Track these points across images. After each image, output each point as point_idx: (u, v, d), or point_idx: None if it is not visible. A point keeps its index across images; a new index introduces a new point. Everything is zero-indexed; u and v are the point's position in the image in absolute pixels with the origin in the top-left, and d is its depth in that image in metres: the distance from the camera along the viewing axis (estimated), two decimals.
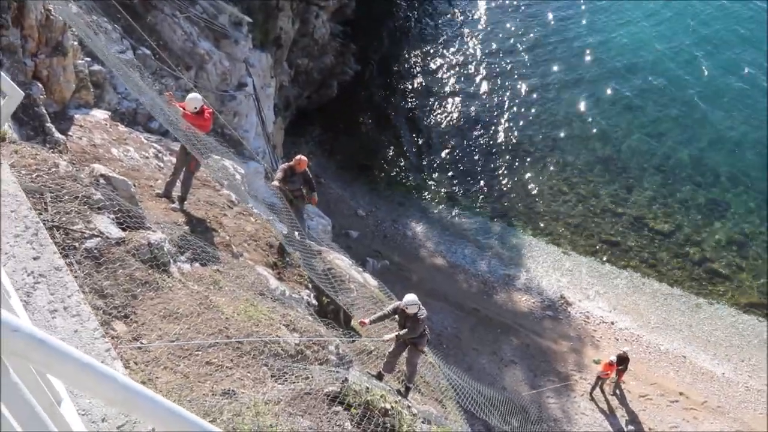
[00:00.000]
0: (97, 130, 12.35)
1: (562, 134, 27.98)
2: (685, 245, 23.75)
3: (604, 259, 23.58)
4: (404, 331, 9.87)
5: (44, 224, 3.63)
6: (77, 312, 2.07)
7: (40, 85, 11.40)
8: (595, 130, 27.90)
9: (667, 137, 27.36)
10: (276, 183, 12.31)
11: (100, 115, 13.08)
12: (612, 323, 21.64)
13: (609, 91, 29.40)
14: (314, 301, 11.71)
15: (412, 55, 32.69)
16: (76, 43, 12.65)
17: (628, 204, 25.19)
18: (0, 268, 1.74)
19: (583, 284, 22.85)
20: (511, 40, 32.56)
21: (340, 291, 11.79)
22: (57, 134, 10.57)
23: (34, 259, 2.23)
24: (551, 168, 26.79)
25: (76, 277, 3.91)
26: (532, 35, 32.71)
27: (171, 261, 8.49)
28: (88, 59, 13.51)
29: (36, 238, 2.36)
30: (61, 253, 3.12)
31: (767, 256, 23.21)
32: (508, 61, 31.57)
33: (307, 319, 10.26)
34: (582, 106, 28.92)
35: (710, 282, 22.72)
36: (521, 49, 32.07)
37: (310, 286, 11.97)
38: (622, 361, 18.63)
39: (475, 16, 34.36)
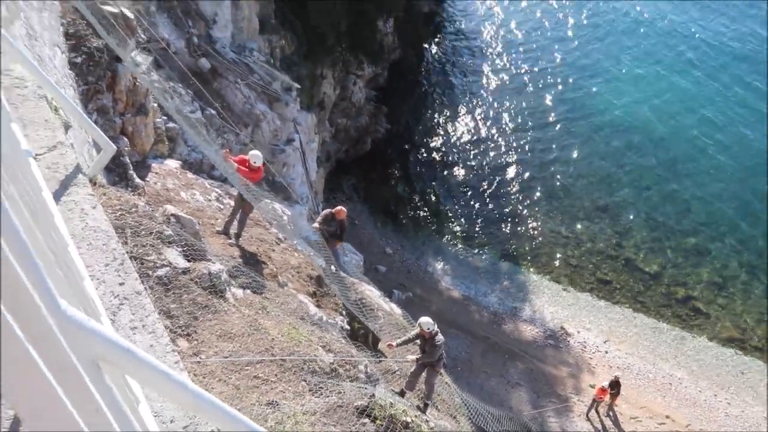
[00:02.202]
0: (169, 176, 12.62)
1: (562, 187, 27.95)
2: (671, 285, 23.45)
3: (599, 295, 23.36)
4: (424, 354, 10.06)
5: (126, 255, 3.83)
6: (153, 330, 2.16)
7: (125, 139, 11.79)
8: (592, 184, 27.82)
9: (653, 191, 27.18)
10: (316, 225, 12.66)
11: (172, 164, 13.32)
12: (606, 352, 21.35)
13: (605, 149, 29.37)
14: (347, 326, 11.67)
15: (434, 117, 33.07)
16: (155, 104, 12.94)
17: (620, 248, 24.98)
18: (94, 291, 2.01)
19: (581, 317, 22.61)
20: (518, 107, 32.77)
21: (369, 318, 11.87)
22: (137, 180, 10.83)
23: (120, 284, 2.27)
24: (553, 215, 26.72)
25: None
26: (536, 105, 32.95)
27: (227, 288, 8.53)
28: (165, 118, 13.84)
29: (122, 267, 2.41)
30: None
31: (744, 297, 22.94)
32: (516, 124, 31.74)
33: (341, 341, 10.21)
34: (580, 164, 28.87)
35: (693, 318, 22.38)
36: (527, 115, 32.24)
37: (343, 312, 11.92)
38: (615, 386, 18.42)
39: (487, 89, 34.76)
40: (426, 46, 37.60)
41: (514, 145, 30.65)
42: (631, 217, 26.27)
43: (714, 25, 36.59)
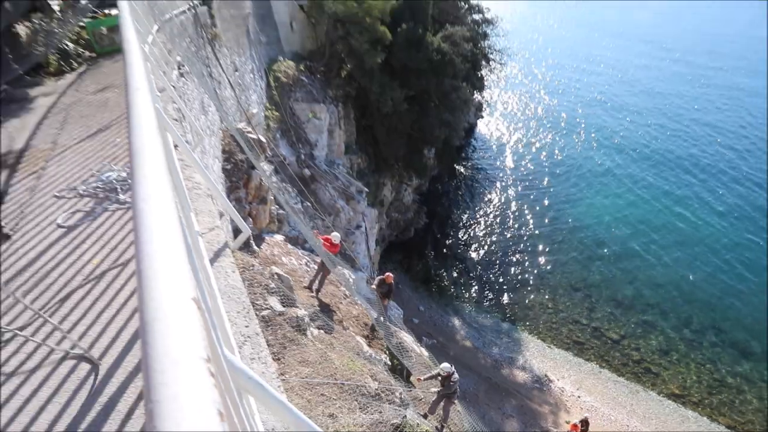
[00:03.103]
0: (276, 246, 12.95)
1: (549, 271, 27.31)
2: (628, 349, 22.01)
3: (574, 353, 22.10)
4: (443, 388, 9.74)
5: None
6: (265, 361, 2.15)
7: (250, 219, 12.24)
8: (571, 272, 27.06)
9: (616, 279, 26.18)
10: (373, 286, 12.66)
11: (279, 237, 13.60)
12: (578, 397, 19.94)
13: (580, 247, 28.79)
14: (389, 362, 11.37)
15: (459, 216, 33.18)
16: (272, 197, 13.59)
17: (590, 318, 23.83)
18: (231, 330, 2.09)
19: (560, 368, 21.38)
20: (519, 213, 32.76)
21: (405, 357, 11.57)
22: (255, 247, 11.15)
23: (245, 326, 2.28)
24: (541, 291, 25.93)
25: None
26: (532, 211, 32.88)
27: (308, 328, 8.46)
28: (277, 206, 14.25)
29: (248, 314, 2.42)
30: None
31: (686, 361, 21.38)
32: (518, 224, 31.61)
33: (384, 373, 10.07)
34: (563, 257, 28.29)
35: (645, 375, 20.78)
36: (525, 219, 32.16)
37: (387, 352, 11.75)
38: (585, 424, 16.99)
39: (497, 199, 35.01)
40: (456, 166, 38.37)
41: (515, 239, 30.32)
42: (598, 296, 25.20)
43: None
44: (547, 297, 25.52)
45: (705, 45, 73.00)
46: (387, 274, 12.86)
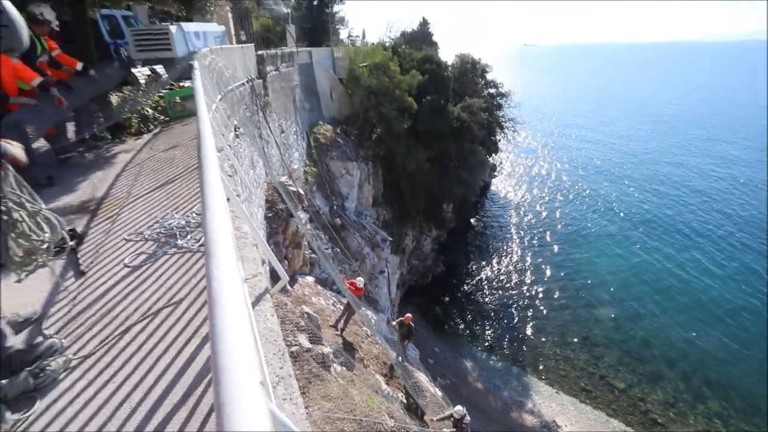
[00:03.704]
0: (307, 287, 12.98)
1: (558, 321, 26.24)
2: (634, 399, 20.51)
3: (582, 399, 20.71)
4: (455, 429, 9.30)
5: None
6: (296, 402, 2.09)
7: (286, 261, 12.34)
8: (579, 322, 25.98)
9: (623, 330, 24.91)
10: (394, 323, 12.43)
11: (310, 279, 13.67)
12: None
13: (587, 300, 27.78)
14: (404, 400, 11.11)
15: (473, 264, 32.65)
16: (306, 243, 13.76)
17: (597, 367, 22.50)
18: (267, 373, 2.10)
19: (569, 414, 19.99)
20: (529, 264, 32.08)
21: (420, 396, 11.15)
22: (288, 288, 11.24)
23: (280, 368, 2.27)
24: (551, 339, 24.82)
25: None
26: (541, 263, 32.17)
27: (331, 364, 8.32)
28: (310, 251, 14.31)
29: (283, 356, 2.37)
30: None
31: (689, 414, 19.73)
32: (527, 274, 30.89)
33: (400, 411, 9.73)
34: (572, 308, 27.32)
35: (651, 426, 19.24)
36: (534, 270, 31.44)
37: (403, 390, 11.50)
38: None
39: (509, 251, 34.48)
40: (472, 220, 38.22)
41: (525, 289, 29.46)
42: (604, 347, 23.89)
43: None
44: (554, 345, 24.41)
45: (700, 117, 72.51)
46: (407, 315, 12.65)
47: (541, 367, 23.00)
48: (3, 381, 2.25)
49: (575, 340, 24.54)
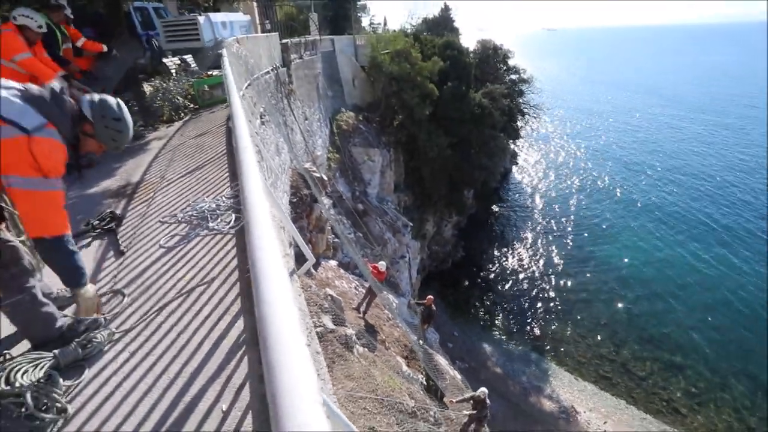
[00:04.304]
0: (330, 270, 13.11)
1: (578, 307, 25.83)
2: (655, 387, 20.10)
3: (601, 386, 20.44)
4: (475, 411, 9.36)
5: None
6: (324, 378, 2.14)
7: (310, 245, 12.45)
8: (599, 308, 25.55)
9: (643, 318, 24.37)
10: (413, 302, 12.44)
11: (333, 263, 13.81)
12: (605, 431, 18.46)
13: (610, 285, 27.25)
14: (425, 382, 11.20)
15: (494, 250, 32.36)
16: (329, 227, 13.85)
17: (617, 354, 22.10)
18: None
19: (587, 401, 19.82)
20: (550, 250, 31.59)
21: (439, 378, 11.25)
22: (313, 271, 11.39)
23: (307, 345, 2.54)
24: (570, 325, 24.50)
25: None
26: (562, 251, 31.59)
27: (354, 345, 8.41)
28: (333, 235, 14.40)
29: (310, 335, 2.41)
30: None
31: (712, 405, 19.23)
32: (547, 260, 30.45)
33: (420, 392, 9.81)
34: (592, 295, 26.84)
35: (672, 414, 18.83)
36: (555, 256, 30.93)
37: (423, 372, 11.60)
38: None
39: (530, 237, 33.98)
40: (493, 207, 37.73)
41: (544, 275, 29.04)
42: (624, 334, 23.42)
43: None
44: (574, 331, 24.10)
45: (727, 106, 68.85)
46: (428, 297, 12.68)
47: (560, 354, 22.78)
48: (56, 350, 2.38)
49: (595, 327, 24.15)
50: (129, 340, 2.74)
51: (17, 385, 2.10)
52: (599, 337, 23.43)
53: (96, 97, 2.53)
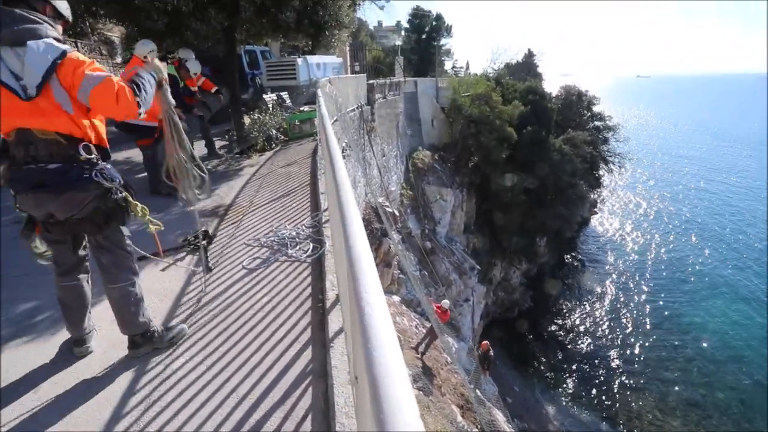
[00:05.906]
0: (392, 306, 12.96)
1: (654, 377, 22.79)
2: None
3: None
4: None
5: None
6: None
7: None
8: (675, 380, 22.42)
9: (733, 406, 20.82)
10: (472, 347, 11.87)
11: (396, 298, 13.63)
12: None
13: (694, 364, 23.89)
14: None
15: (564, 304, 30.15)
16: (396, 262, 13.88)
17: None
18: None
19: None
20: (623, 314, 28.69)
21: None
22: None
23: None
24: (649, 400, 21.59)
25: None
26: (637, 314, 28.55)
27: (410, 386, 8.33)
28: (399, 271, 14.45)
29: None
30: None
31: None
32: (620, 324, 27.62)
33: None
34: (670, 363, 23.69)
35: None
36: (628, 320, 27.99)
37: (478, 426, 10.88)
38: None
39: (604, 295, 31.23)
40: (566, 257, 35.44)
41: (619, 338, 26.21)
42: (710, 418, 20.07)
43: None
44: (653, 406, 21.24)
45: None
46: (483, 342, 12.07)
47: (635, 428, 20.14)
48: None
49: (677, 405, 21.09)
50: (206, 354, 2.89)
51: None
52: (684, 417, 20.35)
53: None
